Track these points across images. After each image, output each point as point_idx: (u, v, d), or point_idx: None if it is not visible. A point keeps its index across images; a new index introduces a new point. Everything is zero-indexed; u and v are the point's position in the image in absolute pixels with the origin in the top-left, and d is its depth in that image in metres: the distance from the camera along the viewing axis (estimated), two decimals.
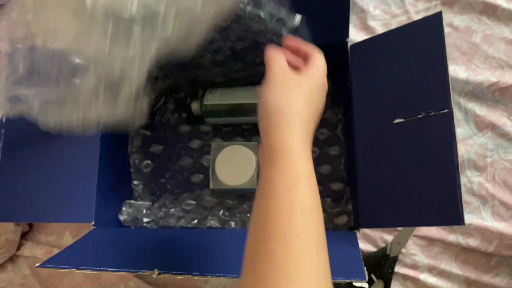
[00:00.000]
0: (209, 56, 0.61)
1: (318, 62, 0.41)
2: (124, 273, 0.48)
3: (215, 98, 0.66)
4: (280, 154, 0.34)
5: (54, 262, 0.46)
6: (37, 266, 0.45)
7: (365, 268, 0.43)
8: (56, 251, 0.72)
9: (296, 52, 0.42)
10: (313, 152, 0.66)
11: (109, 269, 0.45)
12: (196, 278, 0.45)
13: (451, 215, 0.44)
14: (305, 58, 0.42)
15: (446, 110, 0.47)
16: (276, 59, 0.39)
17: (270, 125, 0.36)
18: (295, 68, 0.40)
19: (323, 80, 0.41)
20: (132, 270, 0.45)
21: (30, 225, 0.74)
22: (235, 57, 0.61)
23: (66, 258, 0.48)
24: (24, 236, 0.74)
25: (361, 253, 0.48)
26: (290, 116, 0.36)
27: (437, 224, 0.48)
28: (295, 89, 0.37)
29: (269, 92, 0.37)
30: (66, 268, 0.45)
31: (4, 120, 0.60)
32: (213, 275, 0.44)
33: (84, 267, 0.45)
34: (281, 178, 0.33)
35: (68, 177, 0.58)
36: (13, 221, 0.63)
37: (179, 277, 0.44)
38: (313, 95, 0.39)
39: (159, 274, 0.44)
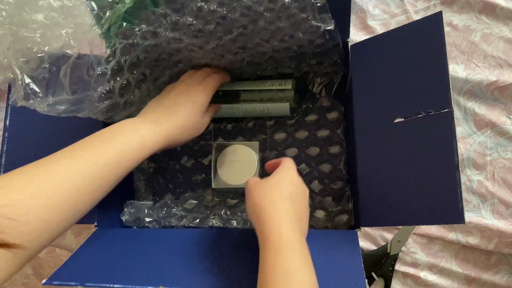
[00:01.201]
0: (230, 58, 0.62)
1: (286, 165, 0.50)
2: None
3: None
4: (267, 229, 0.42)
5: (60, 277, 0.47)
6: (44, 284, 0.46)
7: (365, 278, 0.44)
8: (58, 250, 0.73)
9: (274, 165, 0.52)
10: (313, 151, 0.67)
11: (114, 285, 0.46)
12: None
13: (452, 214, 0.44)
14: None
15: (447, 110, 0.47)
16: (251, 180, 0.50)
17: (259, 218, 0.44)
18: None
19: (294, 180, 0.48)
20: (138, 287, 0.45)
21: None
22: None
23: (71, 272, 0.49)
24: None
25: (361, 255, 0.49)
26: (272, 211, 0.43)
27: (437, 223, 0.49)
28: (275, 192, 0.46)
29: (255, 191, 0.47)
30: (72, 285, 0.46)
31: (8, 124, 0.60)
32: None
33: (89, 284, 0.46)
34: (268, 249, 0.40)
35: None
36: None
37: None
38: (292, 194, 0.46)
39: None
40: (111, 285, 0.46)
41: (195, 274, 0.49)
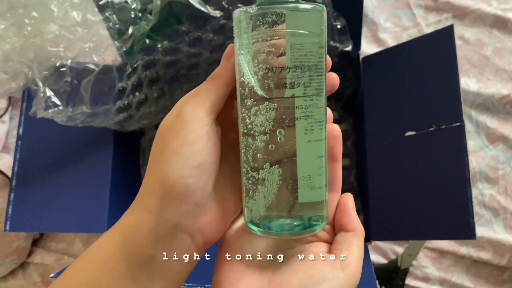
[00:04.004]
0: None
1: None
2: None
3: None
4: None
5: None
6: (51, 277, 0.46)
7: (377, 282, 0.43)
8: (66, 258, 0.73)
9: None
10: None
11: None
12: None
13: (463, 229, 0.44)
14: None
15: (458, 124, 0.47)
16: None
17: None
18: None
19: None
20: None
21: (41, 233, 0.75)
22: None
23: None
24: (35, 243, 0.74)
25: (372, 266, 0.48)
26: None
27: (448, 238, 0.48)
28: None
29: None
30: None
31: (21, 132, 0.61)
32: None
33: None
34: None
35: (82, 189, 0.59)
36: (27, 231, 0.64)
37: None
38: None
39: None
40: None
41: (198, 271, 0.49)
